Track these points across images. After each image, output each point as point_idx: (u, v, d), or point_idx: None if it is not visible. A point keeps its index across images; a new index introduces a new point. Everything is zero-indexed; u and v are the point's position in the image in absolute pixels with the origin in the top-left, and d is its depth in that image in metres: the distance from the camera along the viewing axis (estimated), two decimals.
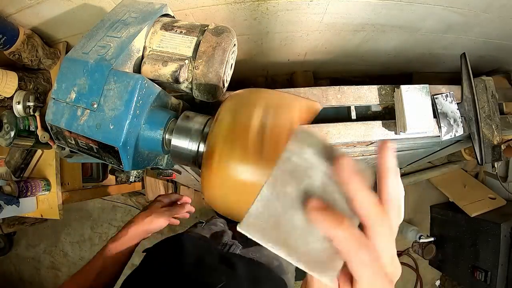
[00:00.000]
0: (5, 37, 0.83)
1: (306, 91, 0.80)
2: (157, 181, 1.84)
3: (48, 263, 2.07)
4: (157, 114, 0.51)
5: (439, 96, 0.83)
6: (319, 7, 0.89)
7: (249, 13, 0.90)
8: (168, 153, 0.52)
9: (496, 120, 0.87)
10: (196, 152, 0.48)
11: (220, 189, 0.43)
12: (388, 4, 0.88)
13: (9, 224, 1.64)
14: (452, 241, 1.87)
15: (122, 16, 0.55)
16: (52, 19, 0.88)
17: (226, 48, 0.54)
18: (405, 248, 2.02)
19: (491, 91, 0.88)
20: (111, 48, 0.49)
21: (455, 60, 0.91)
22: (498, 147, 0.87)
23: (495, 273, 1.57)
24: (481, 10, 0.91)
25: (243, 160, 0.40)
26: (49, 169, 1.04)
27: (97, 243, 2.05)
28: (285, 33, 1.05)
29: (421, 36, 1.09)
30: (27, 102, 0.83)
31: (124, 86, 0.46)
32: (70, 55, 0.50)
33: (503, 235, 1.55)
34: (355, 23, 0.99)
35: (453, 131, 0.83)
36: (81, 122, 0.47)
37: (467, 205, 1.77)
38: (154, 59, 0.53)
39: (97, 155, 0.51)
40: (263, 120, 0.42)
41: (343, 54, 1.27)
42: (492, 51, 1.19)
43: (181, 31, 0.55)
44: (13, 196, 0.93)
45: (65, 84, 0.49)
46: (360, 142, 0.83)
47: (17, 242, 2.07)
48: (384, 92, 0.83)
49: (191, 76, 0.54)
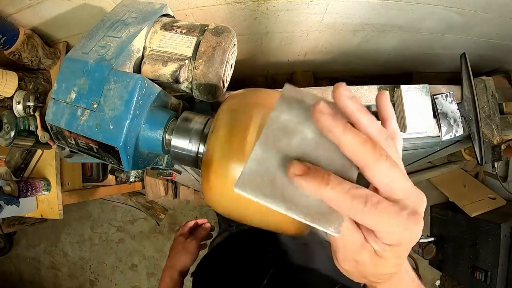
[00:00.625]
0: (5, 37, 0.83)
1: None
2: (157, 181, 1.84)
3: (48, 263, 2.07)
4: (157, 114, 0.51)
5: (439, 96, 0.83)
6: (319, 7, 0.89)
7: (249, 13, 0.90)
8: (168, 153, 0.52)
9: (496, 120, 0.87)
10: (196, 152, 0.48)
11: (220, 190, 0.43)
12: (388, 4, 0.88)
13: (9, 224, 1.64)
14: (452, 241, 1.87)
15: (122, 16, 0.55)
16: (52, 19, 0.88)
17: (226, 48, 0.54)
18: None
19: (491, 91, 0.88)
20: (111, 48, 0.49)
21: (455, 60, 0.91)
22: (498, 147, 0.87)
23: (495, 273, 1.57)
24: (481, 10, 0.91)
25: (242, 160, 0.40)
26: (49, 169, 1.04)
27: (97, 243, 2.05)
28: (285, 33, 1.05)
29: (421, 36, 1.09)
30: (27, 102, 0.83)
31: (124, 86, 0.46)
32: (70, 55, 0.50)
33: (503, 235, 1.55)
34: (355, 23, 0.99)
35: (453, 131, 0.83)
36: (81, 122, 0.47)
37: (467, 205, 1.77)
38: (154, 59, 0.53)
39: (97, 155, 0.51)
40: (262, 120, 0.42)
41: (343, 54, 1.27)
42: (492, 51, 1.19)
43: (181, 31, 0.55)
44: (13, 196, 0.93)
45: (65, 84, 0.49)
46: None
47: (17, 242, 2.07)
48: None
49: (191, 76, 0.54)
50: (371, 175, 0.21)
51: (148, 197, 1.88)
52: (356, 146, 0.20)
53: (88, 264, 2.06)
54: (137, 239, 2.04)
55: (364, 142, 0.20)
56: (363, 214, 0.20)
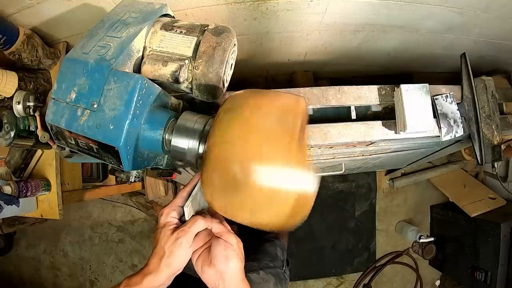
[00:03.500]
0: (5, 37, 0.83)
1: (306, 91, 0.80)
2: (157, 181, 1.84)
3: (48, 263, 2.06)
4: (157, 114, 0.51)
5: (439, 97, 0.82)
6: (319, 7, 0.89)
7: (249, 13, 0.90)
8: (168, 153, 0.52)
9: (496, 120, 0.87)
10: (196, 152, 0.48)
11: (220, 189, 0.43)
12: (388, 4, 0.88)
13: (9, 224, 1.64)
14: (452, 241, 1.87)
15: (122, 16, 0.55)
16: (52, 19, 0.88)
17: (226, 48, 0.54)
18: (405, 248, 2.02)
19: (491, 91, 0.88)
20: (111, 48, 0.49)
21: (455, 60, 0.91)
22: (498, 147, 0.87)
23: (495, 273, 1.57)
24: (481, 10, 0.91)
25: (242, 160, 0.40)
26: (49, 169, 1.04)
27: (97, 243, 2.05)
28: (285, 33, 1.05)
29: (421, 36, 1.09)
30: (27, 102, 0.83)
31: (124, 86, 0.46)
32: (70, 55, 0.50)
33: (503, 235, 1.55)
34: (355, 23, 0.99)
35: (453, 131, 0.83)
36: (81, 122, 0.47)
37: (467, 205, 1.77)
38: (154, 59, 0.53)
39: (97, 155, 0.51)
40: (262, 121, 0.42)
41: (343, 54, 1.27)
42: (492, 51, 1.19)
43: (181, 31, 0.55)
44: (13, 196, 0.93)
45: (65, 84, 0.49)
46: (360, 142, 0.83)
47: (17, 242, 2.07)
48: (384, 92, 0.83)
49: (191, 76, 0.54)
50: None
51: (148, 197, 1.88)
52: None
53: (88, 264, 2.06)
54: (137, 239, 2.04)
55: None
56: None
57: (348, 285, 2.05)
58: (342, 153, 0.98)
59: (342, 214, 2.00)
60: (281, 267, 0.88)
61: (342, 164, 1.10)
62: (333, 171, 1.13)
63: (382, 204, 2.06)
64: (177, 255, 0.45)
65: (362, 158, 1.09)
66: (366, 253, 2.03)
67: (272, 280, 0.80)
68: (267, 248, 0.95)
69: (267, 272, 0.81)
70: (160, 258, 0.45)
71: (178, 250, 0.45)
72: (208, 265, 0.47)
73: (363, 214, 2.02)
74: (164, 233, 0.47)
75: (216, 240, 0.48)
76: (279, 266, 0.88)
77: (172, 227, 0.47)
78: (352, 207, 2.01)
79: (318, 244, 1.98)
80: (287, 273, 0.92)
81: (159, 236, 0.47)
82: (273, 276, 0.81)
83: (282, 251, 0.98)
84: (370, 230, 2.03)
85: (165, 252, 0.45)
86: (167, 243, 0.45)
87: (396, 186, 1.99)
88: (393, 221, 2.07)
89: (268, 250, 0.94)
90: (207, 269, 0.47)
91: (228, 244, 0.47)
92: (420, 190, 2.08)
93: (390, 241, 2.07)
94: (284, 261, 0.94)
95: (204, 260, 0.47)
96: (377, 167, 1.62)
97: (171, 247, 0.45)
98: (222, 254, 0.46)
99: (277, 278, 0.82)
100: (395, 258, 2.02)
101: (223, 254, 0.46)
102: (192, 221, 0.47)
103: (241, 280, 0.48)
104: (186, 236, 0.46)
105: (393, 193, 2.07)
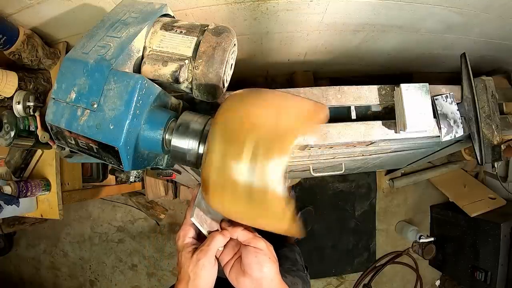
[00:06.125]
0: (5, 37, 0.82)
1: (306, 91, 0.80)
2: (157, 181, 1.84)
3: (48, 263, 2.06)
4: (157, 114, 0.51)
5: (439, 97, 0.82)
6: (319, 7, 0.89)
7: (249, 13, 0.90)
8: (168, 153, 0.52)
9: (496, 120, 0.87)
10: (196, 152, 0.48)
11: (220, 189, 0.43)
12: (388, 4, 0.88)
13: (9, 224, 1.64)
14: (452, 241, 1.87)
15: (122, 16, 0.55)
16: (52, 19, 0.88)
17: (226, 48, 0.54)
18: (405, 248, 2.02)
19: (491, 91, 0.88)
20: (111, 48, 0.49)
21: (455, 60, 0.91)
22: (498, 147, 0.87)
23: (495, 273, 1.57)
24: (481, 10, 0.91)
25: (242, 160, 0.40)
26: (49, 169, 1.04)
27: (97, 243, 2.05)
28: (285, 33, 1.05)
29: (421, 36, 1.09)
30: (27, 102, 0.83)
31: (124, 86, 0.46)
32: (70, 55, 0.50)
33: (503, 235, 1.55)
34: (355, 23, 0.99)
35: (453, 132, 0.82)
36: (81, 122, 0.47)
37: (467, 205, 1.77)
38: (154, 59, 0.53)
39: (97, 155, 0.51)
40: (262, 121, 0.42)
41: (343, 54, 1.27)
42: (492, 51, 1.19)
43: (181, 31, 0.55)
44: (13, 196, 0.93)
45: (65, 84, 0.49)
46: (360, 142, 0.83)
47: (17, 242, 2.07)
48: (384, 92, 0.83)
49: (191, 76, 0.54)
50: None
51: (148, 197, 1.88)
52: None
53: (88, 264, 2.06)
54: (137, 239, 2.04)
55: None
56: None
57: (348, 285, 2.05)
58: (342, 153, 0.98)
59: (342, 214, 2.00)
60: (303, 271, 0.88)
61: (342, 164, 1.10)
62: (333, 171, 1.13)
63: (382, 204, 2.06)
64: (202, 276, 0.45)
65: (362, 158, 1.09)
66: (366, 253, 2.03)
67: (300, 282, 0.80)
68: (286, 253, 0.94)
69: (293, 275, 0.81)
70: (186, 283, 0.45)
71: (202, 271, 0.45)
72: (243, 275, 0.45)
73: (363, 214, 2.02)
74: (185, 257, 0.46)
75: (245, 249, 0.47)
76: (301, 270, 0.88)
77: (191, 249, 0.47)
78: (352, 207, 2.01)
79: (318, 244, 1.98)
80: (308, 277, 0.91)
81: (180, 260, 0.47)
82: (300, 279, 0.81)
83: (300, 256, 0.98)
84: (370, 230, 2.03)
85: (190, 276, 0.45)
86: (189, 266, 0.45)
87: (396, 186, 1.99)
88: (393, 221, 2.07)
89: (287, 255, 0.94)
90: (242, 279, 0.45)
91: (258, 250, 0.46)
92: (420, 190, 2.08)
93: (390, 241, 2.07)
94: (303, 266, 0.94)
95: (237, 271, 0.46)
96: (377, 167, 1.61)
97: (194, 270, 0.45)
98: (254, 261, 0.45)
99: (303, 281, 0.82)
100: (395, 258, 2.02)
101: (255, 261, 0.45)
102: (210, 239, 0.47)
103: (279, 283, 0.47)
104: (207, 256, 0.45)
105: (393, 193, 2.07)
